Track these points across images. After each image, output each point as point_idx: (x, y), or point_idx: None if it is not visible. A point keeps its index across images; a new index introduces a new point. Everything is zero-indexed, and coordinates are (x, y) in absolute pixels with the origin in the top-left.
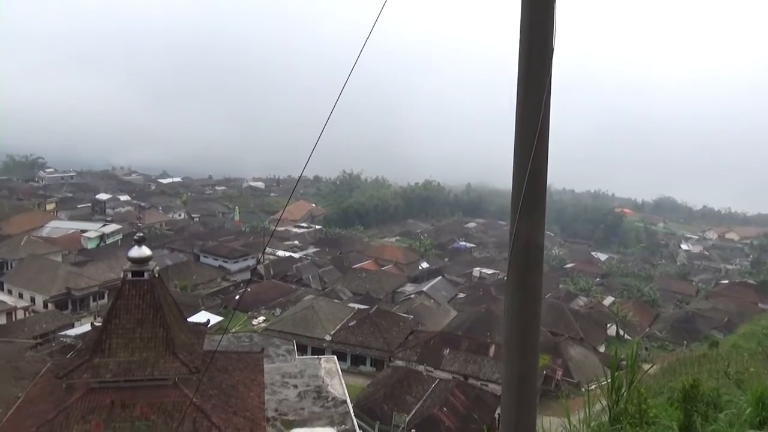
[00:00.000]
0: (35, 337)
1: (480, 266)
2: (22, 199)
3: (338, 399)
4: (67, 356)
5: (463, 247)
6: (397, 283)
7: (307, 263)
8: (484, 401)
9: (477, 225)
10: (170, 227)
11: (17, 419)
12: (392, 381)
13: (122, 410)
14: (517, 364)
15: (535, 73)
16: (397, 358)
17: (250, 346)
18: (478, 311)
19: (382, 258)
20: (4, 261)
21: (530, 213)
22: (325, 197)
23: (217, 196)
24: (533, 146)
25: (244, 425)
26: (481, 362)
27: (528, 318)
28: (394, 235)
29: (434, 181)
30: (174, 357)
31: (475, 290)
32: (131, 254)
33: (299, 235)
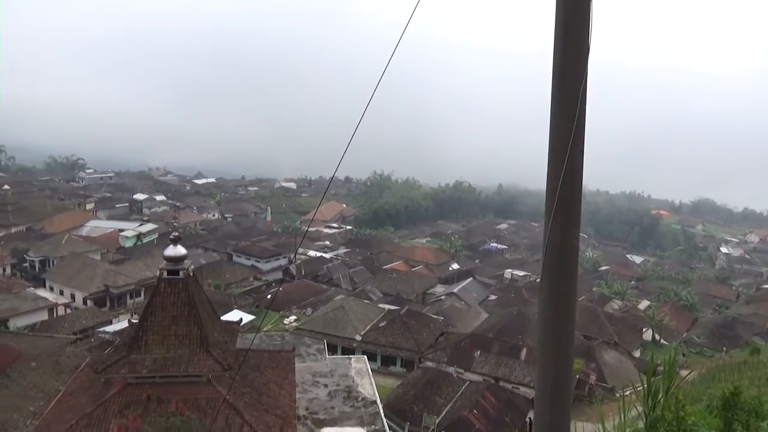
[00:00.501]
0: (75, 333)
1: (511, 268)
2: (64, 199)
3: (368, 399)
4: (105, 352)
5: (494, 249)
6: (427, 284)
7: (338, 263)
8: (515, 405)
9: (508, 226)
10: (204, 227)
11: (58, 412)
12: (422, 382)
13: (158, 405)
14: (551, 368)
15: (571, 71)
16: (428, 359)
17: (281, 344)
18: (510, 313)
19: (412, 259)
20: (46, 258)
21: (565, 214)
22: (355, 198)
23: (249, 196)
24: (568, 146)
25: (276, 423)
26: (512, 365)
27: (562, 321)
28: (425, 236)
29: (465, 181)
30: (208, 354)
31: (506, 292)
32: (167, 253)
33: (330, 236)
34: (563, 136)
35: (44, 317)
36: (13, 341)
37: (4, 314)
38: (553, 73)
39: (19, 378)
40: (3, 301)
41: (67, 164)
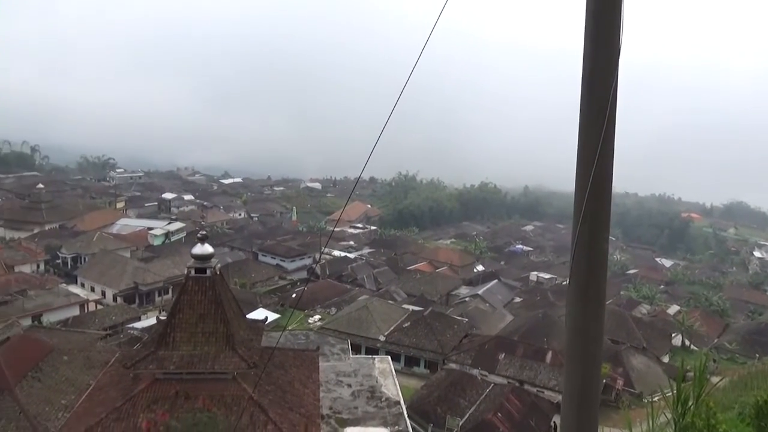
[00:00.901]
0: (105, 329)
1: (537, 270)
2: (95, 198)
3: (392, 399)
4: (134, 348)
5: (519, 251)
6: (451, 286)
7: (362, 264)
8: (540, 408)
9: (534, 228)
10: (231, 226)
11: (89, 405)
12: (446, 384)
13: (185, 401)
14: (579, 372)
15: (601, 71)
16: (451, 360)
17: (306, 343)
18: (535, 316)
19: (436, 260)
20: (78, 255)
21: (594, 216)
22: (380, 198)
23: (275, 196)
24: (598, 147)
25: (300, 421)
26: (537, 368)
27: (591, 325)
28: (450, 237)
29: (491, 182)
30: (233, 352)
31: (531, 295)
32: (194, 252)
33: (354, 236)
34: (593, 137)
35: (76, 313)
36: (47, 336)
37: (38, 309)
38: (583, 72)
39: (52, 372)
40: (37, 297)
41: (98, 164)
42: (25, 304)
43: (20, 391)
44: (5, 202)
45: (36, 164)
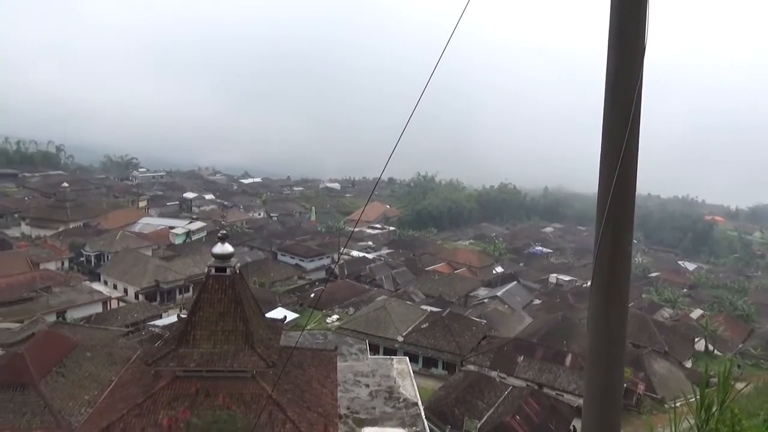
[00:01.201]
0: (127, 326)
1: (557, 272)
2: (118, 197)
3: (409, 400)
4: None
5: (539, 252)
6: (470, 287)
7: (381, 264)
8: (559, 412)
9: (554, 230)
10: (250, 226)
11: (111, 401)
12: (464, 385)
13: (205, 398)
14: (601, 375)
15: (625, 71)
16: (470, 362)
17: (324, 343)
18: (555, 319)
19: (455, 261)
20: (101, 253)
21: (617, 219)
22: (399, 199)
23: (294, 196)
24: (622, 148)
25: (318, 420)
26: (556, 371)
27: (613, 328)
28: (468, 238)
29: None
30: (252, 351)
31: (551, 297)
32: (215, 251)
33: (373, 236)
34: (616, 138)
35: (99, 310)
36: (70, 332)
37: (62, 306)
38: (607, 72)
39: (75, 367)
40: (61, 294)
41: (121, 163)
42: (50, 301)
43: (45, 386)
44: (31, 201)
45: (61, 163)
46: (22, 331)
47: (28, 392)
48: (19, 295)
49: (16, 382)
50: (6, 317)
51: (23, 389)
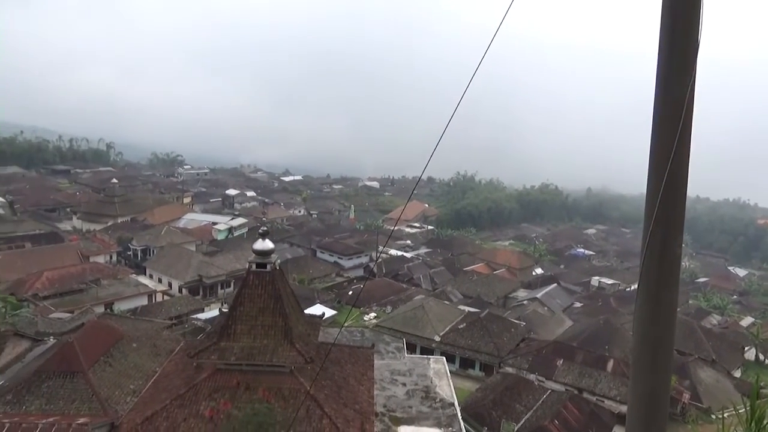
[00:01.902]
0: (171, 319)
1: (599, 275)
2: (164, 193)
3: (446, 401)
4: (197, 338)
5: (581, 254)
6: (509, 288)
7: (419, 263)
8: (599, 418)
9: (597, 232)
10: (290, 223)
11: (154, 391)
12: (501, 387)
13: (245, 391)
14: (646, 382)
15: (677, 69)
16: (508, 364)
17: (361, 341)
18: (596, 322)
19: (494, 261)
20: (147, 248)
21: (667, 220)
22: (437, 198)
23: (334, 194)
24: (673, 149)
25: (354, 417)
26: (597, 376)
27: (661, 334)
28: (508, 238)
29: (551, 184)
30: (291, 346)
31: (593, 300)
32: (256, 247)
33: (411, 235)
34: (667, 138)
35: (144, 302)
36: (117, 323)
37: (109, 298)
38: (658, 70)
39: (121, 357)
40: (109, 286)
41: (167, 160)
42: (99, 293)
43: (93, 375)
44: (82, 196)
45: (111, 160)
46: (72, 321)
47: (77, 380)
48: (70, 287)
49: (66, 369)
50: (58, 307)
51: (73, 377)
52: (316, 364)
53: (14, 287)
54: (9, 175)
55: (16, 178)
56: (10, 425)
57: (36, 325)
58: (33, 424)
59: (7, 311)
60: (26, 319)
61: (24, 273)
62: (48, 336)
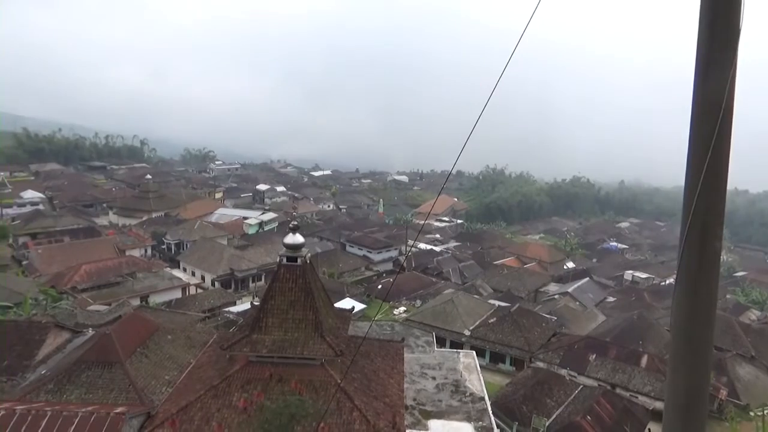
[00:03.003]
0: (204, 311)
1: (632, 269)
2: (196, 188)
3: (476, 395)
4: (229, 330)
5: (613, 248)
6: (539, 282)
7: (448, 257)
8: (633, 414)
9: (630, 225)
10: (320, 217)
11: (189, 382)
12: (532, 382)
13: (277, 383)
14: (684, 379)
15: (717, 56)
16: (539, 359)
17: (391, 334)
18: (630, 317)
19: (524, 255)
20: (180, 242)
21: (706, 214)
22: (467, 192)
23: (363, 188)
24: (712, 139)
25: (384, 410)
26: (631, 372)
27: (699, 329)
28: (538, 232)
29: (583, 177)
30: (322, 339)
31: (626, 295)
32: (286, 241)
33: (440, 229)
34: (706, 129)
35: (178, 295)
36: (153, 315)
37: (145, 291)
38: (697, 57)
39: (157, 349)
40: (144, 279)
41: (199, 156)
42: (135, 286)
43: (130, 366)
44: (118, 191)
45: (145, 156)
46: (109, 313)
47: (115, 370)
48: (107, 280)
49: (104, 360)
50: (96, 299)
51: (111, 367)
52: (346, 357)
53: (54, 280)
54: (48, 171)
55: (55, 174)
56: (52, 413)
57: (75, 316)
58: (73, 412)
59: (48, 303)
60: (66, 311)
61: (63, 266)
62: (87, 327)
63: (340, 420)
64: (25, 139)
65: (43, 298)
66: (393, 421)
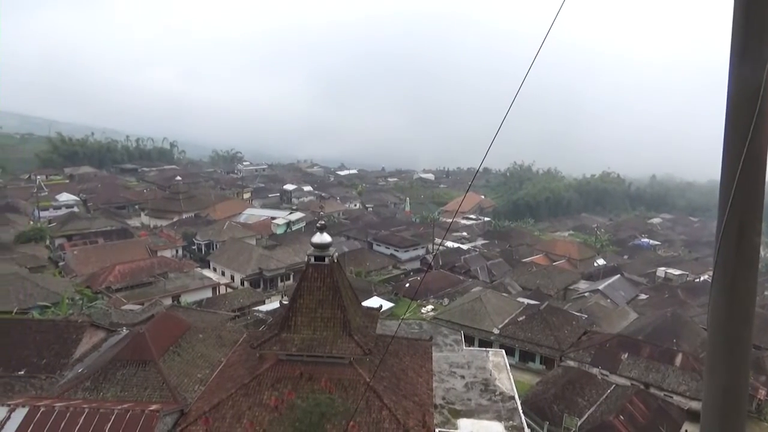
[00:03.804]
0: (233, 311)
1: (665, 266)
2: (225, 189)
3: (506, 394)
4: (259, 329)
5: (645, 245)
6: (569, 280)
7: (475, 255)
8: (667, 414)
9: (662, 221)
10: (347, 216)
11: (220, 380)
12: (563, 381)
13: (307, 382)
14: (723, 377)
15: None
16: (569, 357)
17: (419, 333)
18: (663, 315)
19: (553, 253)
20: (210, 242)
21: (744, 208)
22: (493, 189)
23: (389, 187)
24: (750, 130)
25: (413, 409)
26: (665, 371)
27: (737, 327)
28: (567, 229)
29: (613, 172)
30: (350, 338)
31: (659, 292)
32: (314, 240)
33: (468, 227)
34: (743, 119)
35: (208, 295)
36: (184, 315)
37: (177, 290)
38: (732, 41)
39: (189, 347)
40: (176, 279)
41: (227, 157)
42: (166, 286)
43: (163, 364)
44: (149, 193)
45: (174, 158)
46: (143, 312)
47: (148, 368)
48: (140, 280)
49: (139, 358)
50: (129, 299)
51: (145, 365)
52: (374, 356)
53: (89, 280)
54: (82, 174)
55: (88, 177)
56: (90, 410)
57: (110, 316)
58: (110, 410)
59: (84, 303)
60: (101, 311)
61: (98, 267)
62: (121, 326)
63: (369, 419)
64: (59, 143)
65: (79, 297)
66: (423, 420)
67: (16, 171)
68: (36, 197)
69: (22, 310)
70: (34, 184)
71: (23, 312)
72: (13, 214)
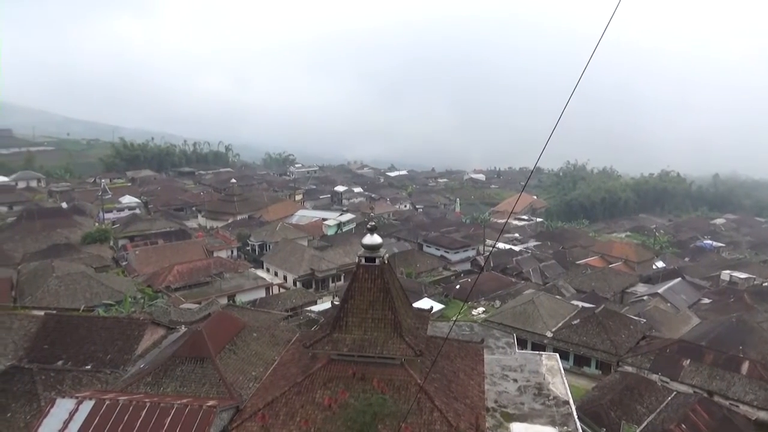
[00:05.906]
0: (286, 310)
1: (730, 269)
2: (277, 191)
3: (560, 399)
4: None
5: (708, 246)
6: (626, 283)
7: (528, 257)
8: (733, 424)
9: (726, 221)
10: (397, 217)
11: (274, 379)
12: (620, 387)
13: (359, 382)
14: None
15: None
16: (627, 363)
17: (470, 335)
18: (728, 320)
19: (609, 254)
20: (264, 243)
21: None
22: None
23: (439, 188)
24: None
25: (465, 412)
26: (730, 379)
27: None
28: (624, 230)
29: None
30: (401, 339)
31: (723, 296)
32: (364, 241)
33: (519, 228)
34: None
35: (262, 295)
36: (239, 314)
37: (232, 290)
38: None
39: (244, 346)
40: (231, 279)
41: (279, 159)
42: (222, 285)
43: (219, 361)
44: (205, 195)
45: (229, 161)
46: (200, 311)
47: (206, 365)
48: (197, 279)
49: (197, 355)
50: (187, 298)
51: (202, 362)
52: (426, 357)
53: (150, 279)
54: (143, 177)
55: (148, 180)
56: (151, 404)
57: (169, 314)
58: (170, 404)
59: (145, 301)
60: (161, 309)
61: (158, 267)
62: (180, 324)
63: (420, 420)
64: (122, 148)
65: (140, 296)
66: (475, 423)
67: (83, 175)
68: (101, 200)
69: (89, 308)
70: (99, 187)
71: (89, 309)
72: (80, 217)
